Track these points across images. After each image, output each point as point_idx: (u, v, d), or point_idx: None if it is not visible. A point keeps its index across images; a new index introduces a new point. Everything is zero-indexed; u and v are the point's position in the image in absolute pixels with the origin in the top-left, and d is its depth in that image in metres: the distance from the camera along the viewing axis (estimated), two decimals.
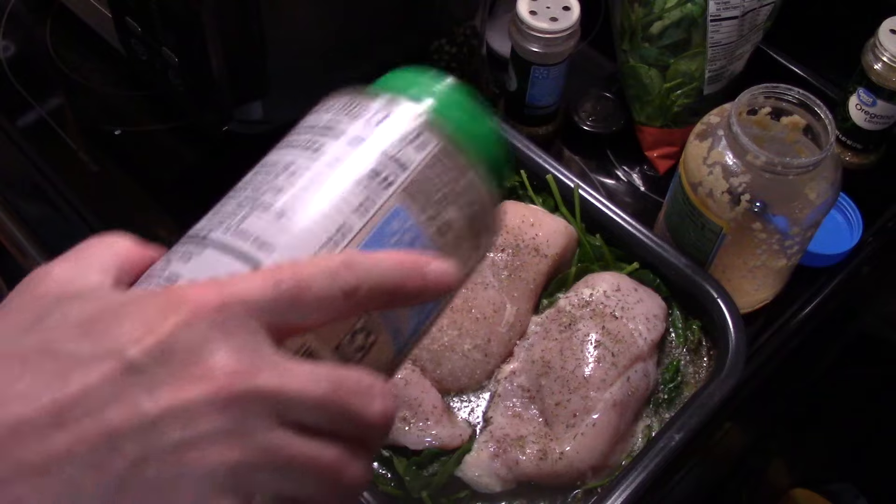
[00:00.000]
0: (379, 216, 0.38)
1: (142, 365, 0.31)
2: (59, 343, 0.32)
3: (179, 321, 0.32)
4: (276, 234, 0.36)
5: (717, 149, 0.70)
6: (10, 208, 0.87)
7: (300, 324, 0.34)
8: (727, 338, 0.71)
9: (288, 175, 0.38)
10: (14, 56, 0.99)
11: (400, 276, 0.36)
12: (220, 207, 0.39)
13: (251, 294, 0.33)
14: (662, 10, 0.84)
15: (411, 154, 0.39)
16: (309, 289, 0.34)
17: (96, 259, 0.38)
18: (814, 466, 0.98)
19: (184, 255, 0.37)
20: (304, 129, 0.41)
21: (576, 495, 0.68)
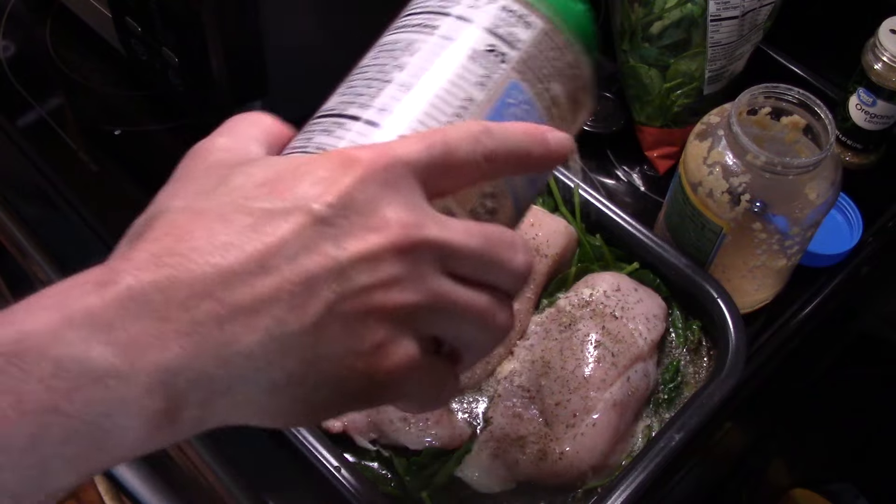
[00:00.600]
0: (498, 90, 0.42)
1: (328, 217, 0.35)
2: (249, 200, 0.35)
3: (355, 179, 0.35)
4: (407, 107, 0.40)
5: (717, 149, 0.70)
6: (10, 208, 0.87)
7: (447, 184, 0.38)
8: (727, 338, 0.71)
9: (410, 53, 0.42)
10: (14, 56, 0.99)
11: (528, 144, 0.40)
12: (348, 88, 0.43)
13: (410, 156, 0.37)
14: (662, 10, 0.84)
15: (520, 32, 0.43)
16: (456, 152, 0.37)
17: (250, 133, 0.41)
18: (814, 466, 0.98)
19: (325, 129, 0.41)
20: (416, 11, 0.44)
21: (576, 495, 0.68)
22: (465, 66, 0.41)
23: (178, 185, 0.39)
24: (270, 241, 0.34)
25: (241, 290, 0.34)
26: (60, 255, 0.83)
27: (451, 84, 0.41)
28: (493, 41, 0.42)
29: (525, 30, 0.43)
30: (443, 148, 0.37)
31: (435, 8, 0.44)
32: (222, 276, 0.34)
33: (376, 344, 0.36)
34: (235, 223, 0.35)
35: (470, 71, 0.41)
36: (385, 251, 0.35)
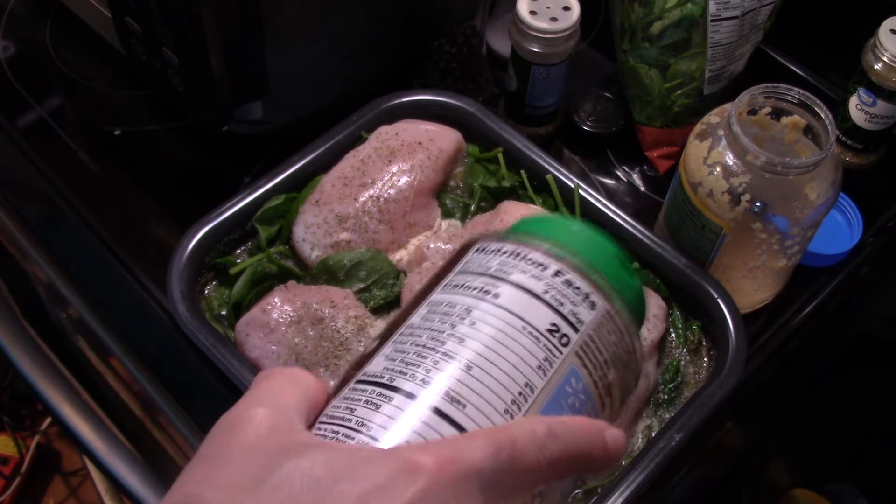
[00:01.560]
0: (557, 376, 0.38)
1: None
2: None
3: (419, 490, 0.32)
4: (467, 390, 0.36)
5: (717, 149, 0.70)
6: (10, 208, 0.87)
7: (507, 492, 0.34)
8: (727, 338, 0.71)
9: (469, 322, 0.38)
10: (14, 56, 0.99)
11: (589, 447, 0.36)
12: (396, 351, 0.39)
13: (477, 463, 0.33)
14: (662, 10, 0.84)
15: (583, 313, 0.39)
16: (523, 458, 0.34)
17: (291, 401, 0.37)
18: (814, 466, 0.98)
19: (369, 401, 0.37)
20: (474, 271, 0.41)
21: (576, 495, 0.68)
22: (526, 345, 0.38)
23: (213, 468, 0.34)
24: None
25: None
26: (60, 255, 0.83)
27: (511, 367, 0.37)
28: (556, 320, 0.39)
29: (589, 310, 0.40)
30: (510, 453, 0.34)
31: (494, 272, 0.40)
32: None
33: None
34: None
35: (531, 353, 0.38)
36: None
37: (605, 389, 0.40)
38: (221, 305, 0.75)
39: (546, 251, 0.40)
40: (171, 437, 0.77)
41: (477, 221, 0.78)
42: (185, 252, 0.73)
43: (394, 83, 0.87)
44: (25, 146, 0.90)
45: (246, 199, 0.77)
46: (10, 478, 1.54)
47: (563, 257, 0.40)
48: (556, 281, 0.39)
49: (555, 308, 0.39)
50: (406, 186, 0.77)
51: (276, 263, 0.76)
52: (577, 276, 0.40)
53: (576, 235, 0.42)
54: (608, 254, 0.42)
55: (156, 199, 0.88)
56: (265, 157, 0.88)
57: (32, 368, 1.07)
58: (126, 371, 0.78)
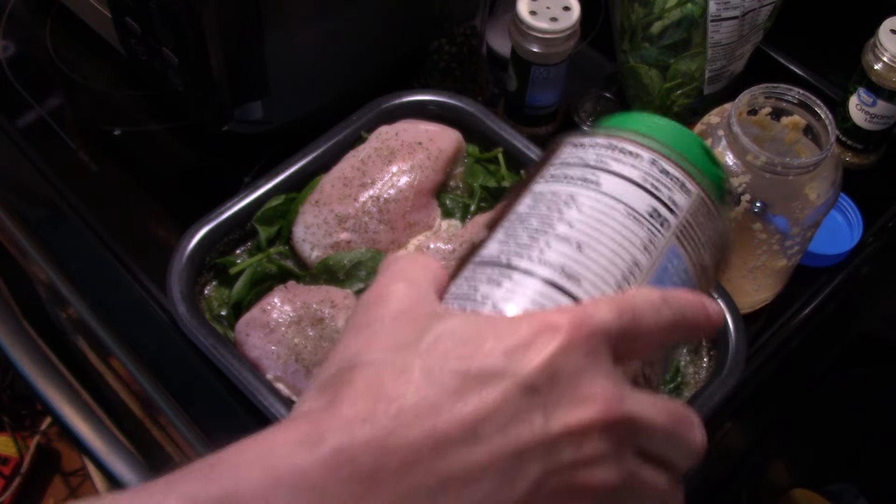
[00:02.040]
0: (660, 254, 0.41)
1: (536, 385, 0.34)
2: (453, 361, 0.34)
3: (559, 346, 0.35)
4: (580, 266, 0.39)
5: (717, 149, 0.70)
6: (10, 208, 0.87)
7: (631, 351, 0.37)
8: (727, 338, 0.71)
9: (576, 208, 0.41)
10: (14, 56, 0.99)
11: (696, 316, 0.40)
12: (508, 236, 0.41)
13: (606, 323, 0.36)
14: (662, 10, 0.84)
15: (680, 199, 0.43)
16: (642, 321, 0.37)
17: (426, 278, 0.40)
18: (814, 466, 0.98)
19: (490, 279, 0.39)
20: (573, 163, 0.43)
21: None
22: (631, 228, 0.41)
23: (369, 334, 0.37)
24: (481, 408, 0.33)
25: (452, 459, 0.33)
26: (60, 255, 0.83)
27: (618, 246, 0.40)
28: (655, 204, 0.42)
29: (684, 196, 0.43)
30: (632, 316, 0.37)
31: (594, 163, 0.43)
32: (434, 442, 0.33)
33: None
34: (443, 385, 0.34)
35: (635, 234, 0.41)
36: (591, 426, 0.35)
37: (702, 268, 0.44)
38: (221, 305, 0.75)
39: (640, 143, 0.43)
40: (171, 437, 0.77)
41: (477, 221, 0.78)
42: (185, 252, 0.73)
43: (394, 83, 0.87)
44: (25, 146, 0.90)
45: (246, 199, 0.77)
46: (10, 478, 1.54)
47: (656, 148, 0.43)
48: (652, 169, 0.42)
49: (653, 193, 0.42)
50: (406, 186, 0.77)
51: (276, 263, 0.76)
52: (671, 164, 0.43)
53: (664, 128, 0.44)
54: (695, 144, 0.44)
55: (156, 199, 0.88)
56: (265, 157, 0.88)
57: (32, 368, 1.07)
58: (126, 371, 0.78)
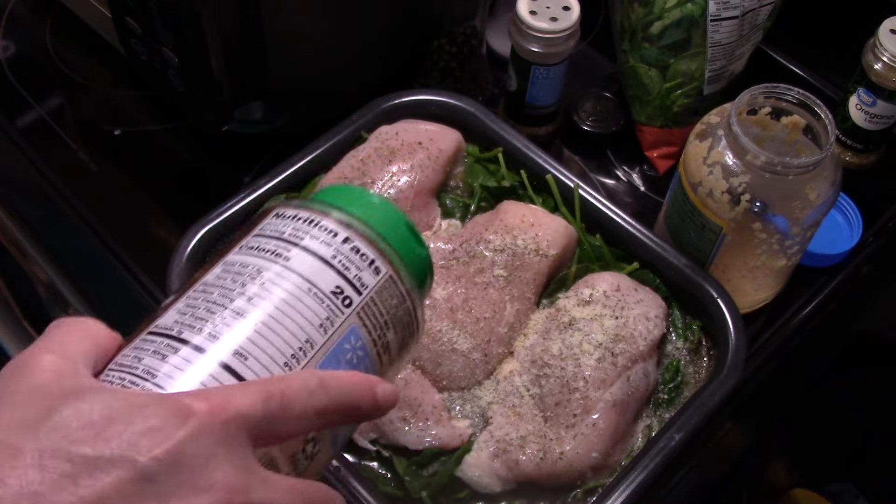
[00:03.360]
0: (338, 334, 0.42)
1: (153, 474, 0.33)
2: (72, 444, 0.33)
3: (188, 433, 0.34)
4: (250, 344, 0.39)
5: (717, 149, 0.70)
6: (10, 208, 0.87)
7: (274, 436, 0.37)
8: (727, 338, 0.71)
9: (258, 283, 0.41)
10: (14, 56, 0.99)
11: (358, 399, 0.40)
12: (188, 306, 0.41)
13: (246, 409, 0.36)
14: (662, 10, 0.84)
15: (368, 278, 0.43)
16: (291, 406, 0.37)
17: (79, 349, 0.39)
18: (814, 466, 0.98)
19: (157, 351, 0.39)
20: (269, 235, 0.44)
21: (576, 495, 0.68)
22: (310, 306, 0.41)
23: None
24: (87, 495, 0.32)
25: None
26: (60, 255, 0.83)
27: (294, 324, 0.40)
28: (341, 283, 0.42)
29: (373, 276, 0.44)
30: (279, 402, 0.37)
31: (288, 236, 0.43)
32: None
33: None
34: (54, 470, 0.33)
35: (314, 312, 0.41)
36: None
37: (384, 347, 0.44)
38: None
39: (338, 219, 0.44)
40: None
41: (477, 221, 0.78)
42: (185, 252, 0.73)
43: (394, 83, 0.87)
44: (25, 146, 0.90)
45: (246, 199, 0.77)
46: None
47: (353, 226, 0.44)
48: (344, 247, 0.43)
49: (340, 272, 0.43)
50: (406, 186, 0.77)
51: None
52: (365, 243, 0.44)
53: (369, 206, 0.46)
54: (398, 224, 0.46)
55: (156, 199, 0.88)
56: (265, 157, 0.88)
57: None
58: None
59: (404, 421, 0.67)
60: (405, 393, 0.68)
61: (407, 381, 0.69)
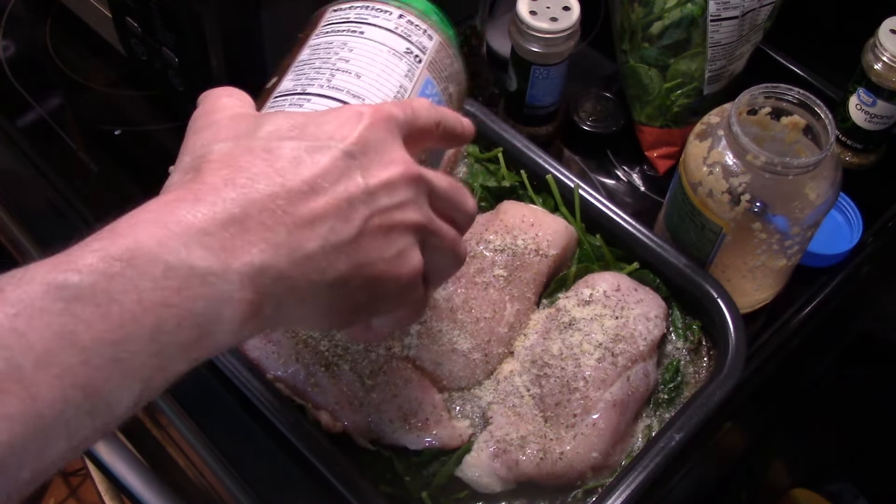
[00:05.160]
0: (419, 82, 0.54)
1: (353, 152, 0.45)
2: (286, 140, 0.45)
3: (366, 126, 0.46)
4: (361, 89, 0.51)
5: (717, 149, 0.70)
6: (9, 208, 0.87)
7: (412, 138, 0.49)
8: (727, 338, 0.71)
9: (348, 49, 0.53)
10: (14, 56, 0.99)
11: (456, 123, 0.53)
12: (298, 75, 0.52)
13: (395, 112, 0.48)
14: (662, 10, 0.84)
15: (426, 42, 0.56)
16: (419, 116, 0.49)
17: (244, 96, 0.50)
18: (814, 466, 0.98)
19: (292, 104, 0.50)
20: (339, 22, 0.55)
21: (576, 495, 0.68)
22: (394, 62, 0.53)
23: (213, 131, 0.46)
24: (316, 170, 0.44)
25: (301, 206, 0.43)
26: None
27: (388, 75, 0.52)
28: (409, 46, 0.54)
29: (429, 41, 0.56)
30: (413, 112, 0.49)
31: (355, 18, 0.55)
32: (286, 194, 0.43)
33: (398, 252, 0.47)
34: (283, 156, 0.44)
35: (398, 66, 0.53)
36: (399, 180, 0.46)
37: (449, 96, 0.58)
38: None
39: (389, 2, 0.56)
40: (171, 437, 0.77)
41: (477, 221, 0.78)
42: None
43: None
44: (25, 146, 0.90)
45: None
46: None
47: (403, 5, 0.56)
48: (401, 21, 0.55)
49: (405, 38, 0.55)
50: None
51: None
52: (415, 17, 0.56)
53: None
54: (431, 9, 0.58)
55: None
56: None
57: None
58: None
59: (404, 421, 0.67)
60: (405, 393, 0.68)
61: (407, 381, 0.69)
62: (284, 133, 0.45)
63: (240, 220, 0.41)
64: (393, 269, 0.47)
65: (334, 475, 0.64)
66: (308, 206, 0.43)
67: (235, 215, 0.41)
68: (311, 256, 0.43)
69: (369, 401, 0.67)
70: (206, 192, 0.42)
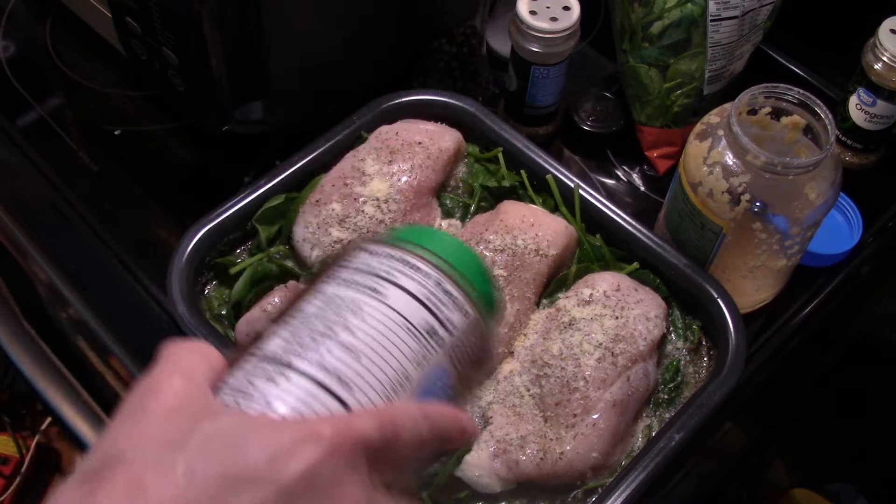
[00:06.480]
0: (429, 370, 0.44)
1: (295, 491, 0.36)
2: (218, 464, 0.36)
3: (321, 455, 0.36)
4: (354, 374, 0.41)
5: (717, 149, 0.70)
6: (10, 208, 0.87)
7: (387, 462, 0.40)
8: (727, 338, 0.71)
9: (360, 318, 0.43)
10: (14, 56, 0.99)
11: (452, 431, 0.43)
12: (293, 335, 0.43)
13: (366, 434, 0.38)
14: (662, 10, 0.84)
15: (457, 319, 0.45)
16: (401, 435, 0.40)
17: (201, 372, 0.41)
18: (814, 466, 0.98)
19: (268, 376, 0.41)
20: (363, 270, 0.46)
21: (576, 495, 0.68)
22: (408, 342, 0.43)
23: (138, 428, 0.38)
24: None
25: None
26: (60, 255, 0.83)
27: (393, 359, 0.43)
28: (434, 323, 0.44)
29: (461, 317, 0.46)
30: (392, 430, 0.39)
31: (383, 273, 0.45)
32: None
33: None
34: (204, 488, 0.35)
35: (411, 349, 0.43)
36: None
37: (467, 384, 0.47)
38: (221, 305, 0.75)
39: (429, 261, 0.46)
40: None
41: (477, 221, 0.78)
42: (185, 252, 0.73)
43: (394, 83, 0.87)
44: (25, 146, 0.90)
45: (246, 199, 0.77)
46: (10, 478, 1.54)
47: (442, 268, 0.46)
48: (437, 289, 0.45)
49: (434, 313, 0.44)
50: (406, 186, 0.77)
51: (276, 263, 0.76)
52: (454, 286, 0.46)
53: (452, 249, 0.47)
54: (478, 268, 0.48)
55: (156, 199, 0.88)
56: (265, 157, 0.88)
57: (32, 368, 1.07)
58: (126, 371, 0.78)
59: None
60: None
61: None
62: (217, 452, 0.36)
63: None
64: None
65: None
66: None
67: None
68: None
69: None
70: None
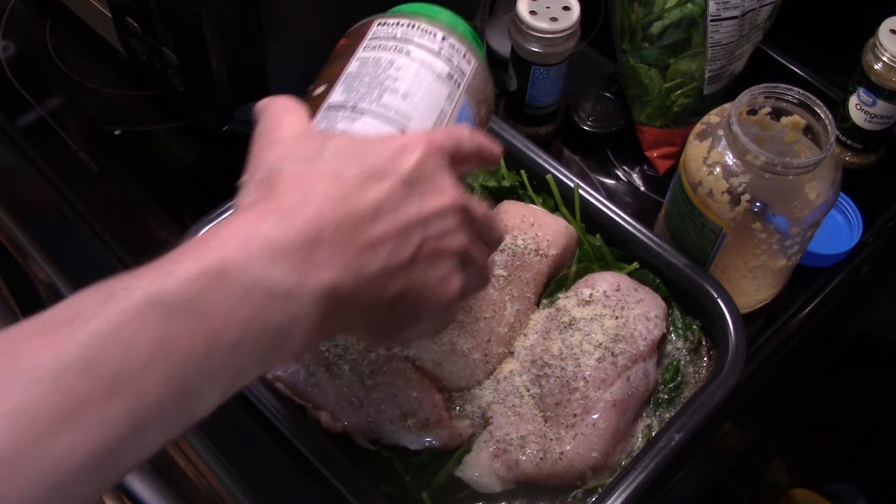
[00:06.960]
0: (458, 106, 0.57)
1: (411, 181, 0.49)
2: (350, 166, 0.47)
3: (422, 154, 0.49)
4: (408, 109, 0.54)
5: (717, 149, 0.70)
6: (10, 208, 0.87)
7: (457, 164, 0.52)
8: (727, 338, 0.71)
9: (395, 68, 0.56)
10: (14, 56, 0.99)
11: (489, 147, 0.56)
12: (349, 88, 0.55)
13: (444, 141, 0.51)
14: (662, 10, 0.84)
15: (465, 66, 0.59)
16: (463, 143, 0.53)
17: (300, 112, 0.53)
18: (814, 466, 0.98)
19: (347, 117, 0.53)
20: (386, 38, 0.58)
21: (576, 495, 0.68)
22: (437, 85, 0.56)
23: (280, 149, 0.49)
24: (379, 196, 0.47)
25: (366, 230, 0.46)
26: (60, 255, 0.83)
27: (431, 97, 0.56)
28: (450, 69, 0.57)
29: (468, 64, 0.59)
30: (458, 141, 0.52)
31: (402, 36, 0.57)
32: (353, 218, 0.46)
33: (444, 276, 0.50)
34: (349, 181, 0.47)
35: (441, 90, 0.56)
36: (449, 209, 0.50)
37: (481, 119, 0.61)
38: None
39: (434, 24, 0.58)
40: None
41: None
42: None
43: None
44: (25, 146, 0.90)
45: None
46: None
47: (446, 29, 0.58)
48: (444, 44, 0.58)
49: (448, 61, 0.58)
50: None
51: None
52: (457, 40, 0.59)
53: (447, 15, 0.60)
54: (467, 28, 0.61)
55: (156, 199, 0.88)
56: None
57: None
58: None
59: (404, 421, 0.67)
60: (405, 393, 0.68)
61: (407, 381, 0.69)
62: (348, 158, 0.48)
63: (314, 241, 0.44)
64: (438, 291, 0.50)
65: (334, 475, 0.64)
66: (372, 230, 0.46)
67: (311, 236, 0.44)
68: (372, 278, 0.46)
69: (369, 401, 0.67)
70: (284, 211, 0.45)
